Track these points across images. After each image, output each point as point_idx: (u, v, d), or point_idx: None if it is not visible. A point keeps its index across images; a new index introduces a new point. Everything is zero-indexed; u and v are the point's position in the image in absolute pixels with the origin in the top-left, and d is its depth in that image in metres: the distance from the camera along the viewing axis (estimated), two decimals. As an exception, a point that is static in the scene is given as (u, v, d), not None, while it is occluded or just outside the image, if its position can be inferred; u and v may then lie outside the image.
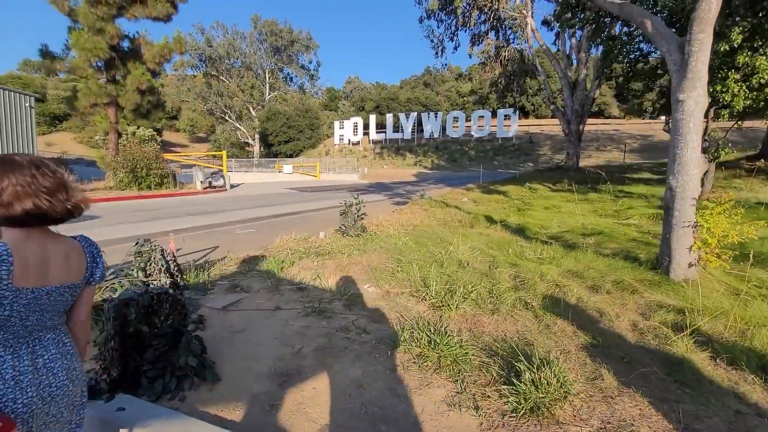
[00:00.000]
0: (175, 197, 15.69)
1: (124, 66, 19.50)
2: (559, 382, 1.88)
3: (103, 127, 19.81)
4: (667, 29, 3.75)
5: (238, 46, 53.34)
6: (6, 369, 0.99)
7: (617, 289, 3.51)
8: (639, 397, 1.96)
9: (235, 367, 2.18)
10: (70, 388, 1.09)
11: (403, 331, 2.58)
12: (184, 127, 68.14)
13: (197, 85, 52.97)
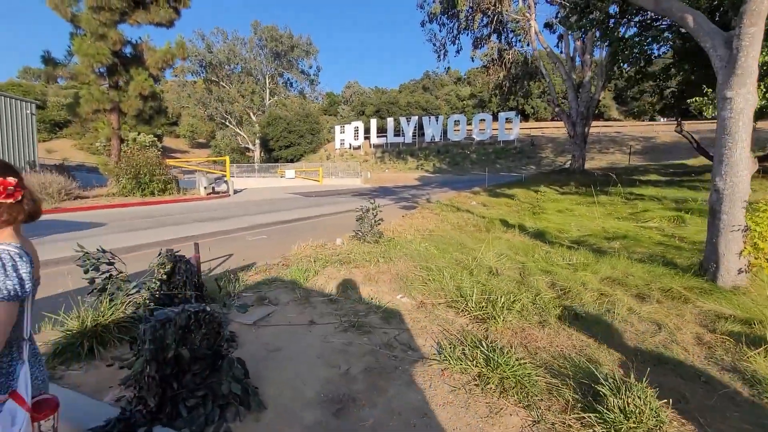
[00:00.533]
0: (180, 203, 15.49)
1: (127, 72, 19.37)
2: (651, 409, 1.68)
3: (106, 133, 19.64)
4: (712, 24, 3.59)
5: (238, 51, 53.46)
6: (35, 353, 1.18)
7: (667, 298, 3.31)
8: (737, 423, 1.76)
9: (279, 392, 1.97)
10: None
11: (453, 348, 2.38)
12: (184, 133, 68.19)
13: (197, 90, 52.98)
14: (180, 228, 8.57)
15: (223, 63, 53.06)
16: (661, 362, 2.35)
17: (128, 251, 6.30)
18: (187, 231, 7.99)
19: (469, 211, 10.75)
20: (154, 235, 7.82)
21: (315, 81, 60.48)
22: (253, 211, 12.70)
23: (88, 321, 2.46)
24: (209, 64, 52.08)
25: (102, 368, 2.24)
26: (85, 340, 2.38)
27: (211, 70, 52.55)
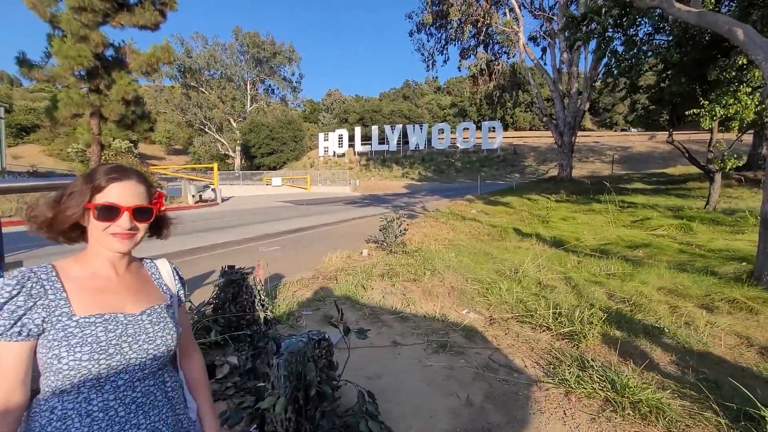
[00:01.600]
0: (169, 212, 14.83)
1: (109, 75, 18.58)
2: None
3: (86, 138, 18.71)
4: (763, 38, 3.68)
5: (219, 57, 52.54)
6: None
7: (736, 310, 3.30)
8: None
9: (409, 427, 1.77)
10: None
11: (562, 368, 2.24)
12: (161, 139, 66.01)
13: (175, 96, 51.54)
14: (182, 239, 8.11)
15: (202, 68, 51.97)
16: (770, 378, 2.29)
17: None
18: (192, 242, 7.57)
19: (476, 220, 10.74)
20: (158, 247, 7.37)
21: (297, 88, 60.10)
22: (250, 220, 12.27)
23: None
24: (188, 69, 50.88)
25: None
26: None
27: (191, 75, 51.33)
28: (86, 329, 0.79)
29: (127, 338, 0.82)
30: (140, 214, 0.87)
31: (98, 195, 0.84)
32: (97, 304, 0.83)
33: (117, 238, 0.85)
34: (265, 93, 58.27)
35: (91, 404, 0.78)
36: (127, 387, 0.82)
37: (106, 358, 0.78)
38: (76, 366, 0.76)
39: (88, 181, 0.84)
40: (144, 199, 0.89)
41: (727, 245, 6.45)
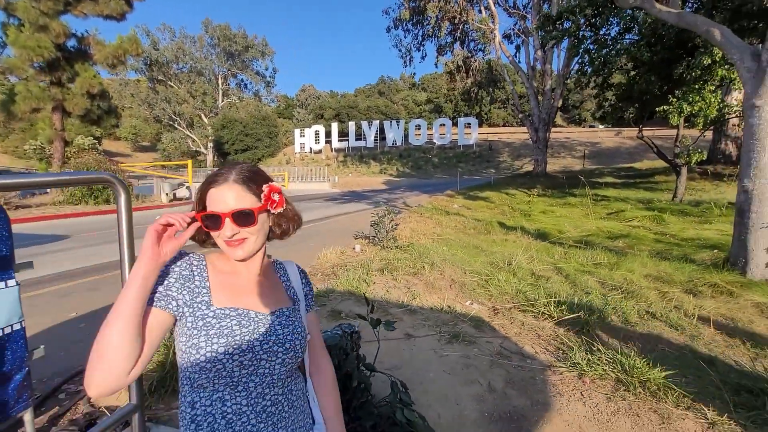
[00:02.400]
0: (142, 211, 14.22)
1: (71, 67, 17.59)
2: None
3: (47, 134, 17.67)
4: (739, 39, 3.93)
5: (188, 50, 50.56)
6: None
7: (716, 293, 3.53)
8: None
9: (438, 414, 1.81)
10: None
11: (572, 352, 2.34)
12: (126, 135, 62.91)
13: (141, 90, 49.22)
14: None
15: (170, 61, 49.86)
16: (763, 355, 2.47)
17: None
18: (176, 241, 7.31)
19: (460, 215, 10.91)
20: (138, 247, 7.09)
21: (271, 83, 58.77)
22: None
23: (172, 351, 2.12)
24: (155, 61, 48.68)
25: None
26: (177, 372, 2.04)
27: (158, 69, 49.12)
28: (222, 321, 0.79)
29: (258, 336, 0.81)
30: (242, 218, 0.82)
31: (206, 201, 0.84)
32: (232, 299, 0.83)
33: (229, 246, 0.84)
34: (237, 88, 56.67)
35: (225, 405, 0.78)
36: (257, 394, 0.81)
37: (239, 354, 0.78)
38: (212, 358, 0.76)
39: (202, 186, 0.85)
40: (245, 200, 0.83)
41: (697, 234, 6.86)
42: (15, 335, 1.63)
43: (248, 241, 0.84)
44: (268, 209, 0.88)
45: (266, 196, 0.86)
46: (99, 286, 4.57)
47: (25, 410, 1.70)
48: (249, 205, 0.83)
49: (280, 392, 0.84)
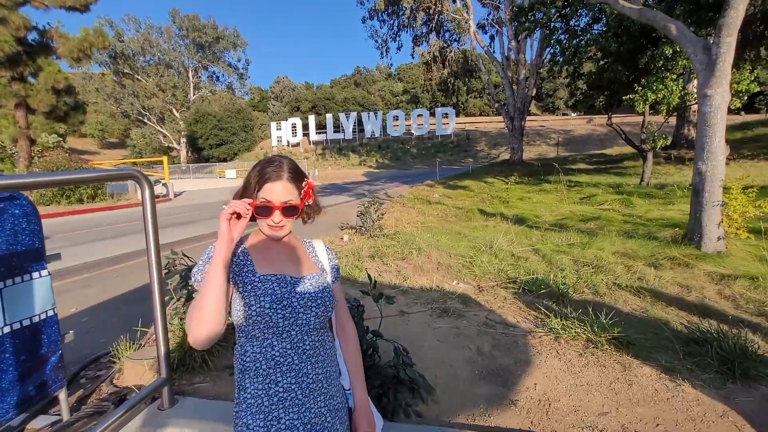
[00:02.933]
0: (119, 210, 13.88)
1: (34, 62, 16.81)
2: (742, 349, 2.09)
3: (11, 132, 16.90)
4: (692, 34, 4.29)
5: (155, 41, 48.57)
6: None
7: (676, 265, 3.93)
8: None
9: (434, 375, 2.06)
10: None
11: (549, 320, 2.64)
12: (93, 132, 59.90)
13: (107, 84, 46.98)
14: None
15: (137, 54, 47.83)
16: (707, 314, 2.85)
17: (113, 263, 5.63)
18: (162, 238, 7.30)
19: (441, 203, 11.23)
20: (126, 244, 7.05)
21: (244, 75, 57.32)
22: (213, 214, 11.88)
23: (191, 333, 2.29)
24: (121, 54, 46.53)
25: (225, 377, 2.13)
26: (195, 352, 2.22)
27: (123, 61, 47.02)
28: (266, 284, 0.99)
29: (296, 294, 1.01)
30: (288, 211, 1.03)
31: (259, 192, 1.02)
32: (271, 267, 1.04)
33: (272, 230, 1.04)
34: (209, 80, 55.03)
35: (273, 349, 0.99)
36: (298, 339, 1.01)
37: (281, 308, 0.98)
38: (261, 312, 0.96)
39: (255, 177, 1.03)
40: (292, 194, 1.03)
41: (661, 215, 7.40)
42: (49, 321, 1.77)
43: (287, 227, 1.06)
44: (307, 203, 1.09)
45: (305, 192, 1.07)
46: (92, 284, 4.61)
47: (60, 389, 1.85)
48: (294, 199, 1.03)
49: (316, 339, 1.05)
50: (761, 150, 15.57)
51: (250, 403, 0.99)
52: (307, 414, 1.01)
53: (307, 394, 1.02)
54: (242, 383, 1.01)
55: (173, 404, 1.85)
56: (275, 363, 0.99)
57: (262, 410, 0.98)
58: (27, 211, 1.68)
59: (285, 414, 0.99)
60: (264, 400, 0.98)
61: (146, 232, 1.74)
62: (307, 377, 1.02)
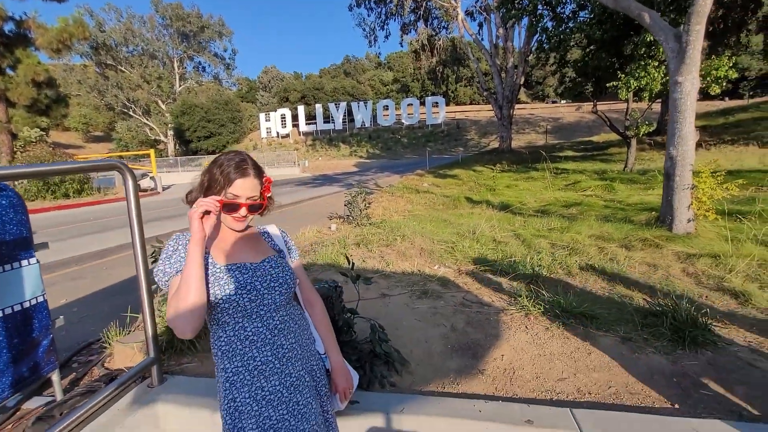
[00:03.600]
0: (107, 204, 13.77)
1: (11, 53, 16.39)
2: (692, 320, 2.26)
3: (-9, 127, 16.52)
4: (664, 22, 4.41)
5: (137, 31, 47.33)
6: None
7: (647, 246, 4.11)
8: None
9: (410, 350, 2.19)
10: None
11: (521, 299, 2.79)
12: (76, 125, 58.42)
13: (89, 76, 45.71)
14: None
15: (119, 44, 46.56)
16: (670, 290, 3.02)
17: (101, 256, 5.67)
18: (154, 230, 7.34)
19: (429, 192, 11.35)
20: (113, 238, 7.06)
21: (231, 65, 56.35)
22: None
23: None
24: (102, 45, 45.23)
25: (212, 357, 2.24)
26: (183, 336, 2.33)
27: (106, 52, 45.77)
28: (228, 273, 1.08)
29: (257, 278, 1.10)
30: (254, 207, 1.12)
31: (228, 188, 1.09)
32: (230, 258, 1.12)
33: (235, 222, 1.12)
34: (195, 71, 54.00)
35: (246, 330, 1.09)
36: (268, 317, 1.12)
37: (247, 293, 1.08)
38: (228, 299, 1.06)
39: (221, 174, 1.10)
40: (256, 190, 1.12)
41: (641, 200, 7.61)
42: (39, 306, 1.86)
43: (248, 219, 1.15)
44: (268, 196, 1.20)
45: (266, 187, 1.18)
46: (81, 276, 4.66)
47: (53, 371, 1.95)
48: (257, 195, 1.13)
49: (284, 314, 1.16)
50: (741, 135, 15.93)
51: (233, 380, 1.09)
52: (288, 379, 1.12)
53: (284, 363, 1.13)
54: (222, 365, 1.11)
55: (162, 382, 1.97)
56: (249, 341, 1.09)
57: (245, 384, 1.08)
58: (14, 201, 1.75)
59: (267, 383, 1.09)
60: (245, 375, 1.08)
61: (130, 220, 1.82)
62: (282, 348, 1.13)
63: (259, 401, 1.08)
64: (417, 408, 1.66)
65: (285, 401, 1.10)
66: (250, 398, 1.08)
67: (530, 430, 1.52)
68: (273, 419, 1.08)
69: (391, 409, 1.66)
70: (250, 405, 1.08)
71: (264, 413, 1.08)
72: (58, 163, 2.03)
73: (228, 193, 1.09)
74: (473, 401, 1.68)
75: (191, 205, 1.12)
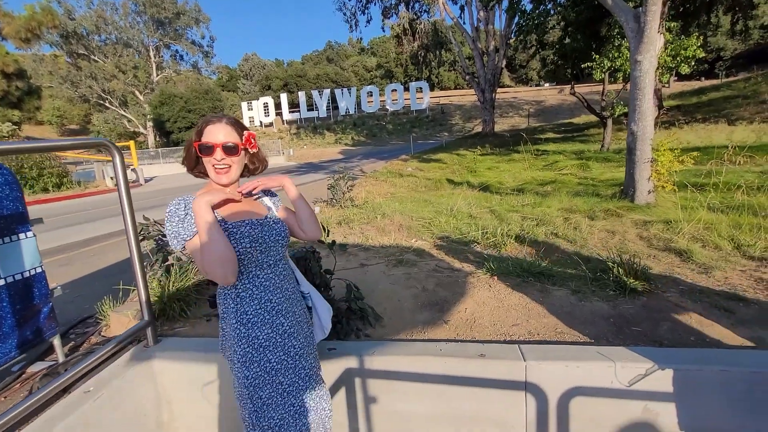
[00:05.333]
0: (89, 198, 13.60)
1: (-22, 43, 15.77)
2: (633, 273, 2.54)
3: (-38, 121, 16.00)
4: (624, 3, 4.63)
5: (110, 18, 45.45)
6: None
7: (609, 216, 4.42)
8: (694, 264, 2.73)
9: (384, 308, 2.42)
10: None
11: (489, 263, 3.04)
12: (50, 119, 56.27)
13: (60, 66, 43.79)
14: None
15: (91, 32, 44.66)
16: (624, 252, 3.31)
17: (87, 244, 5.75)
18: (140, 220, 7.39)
19: (412, 176, 11.56)
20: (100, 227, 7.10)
21: (210, 53, 54.86)
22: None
23: (170, 287, 2.57)
24: (73, 33, 43.29)
25: (202, 323, 2.44)
26: (174, 303, 2.51)
27: (77, 41, 43.88)
28: (240, 229, 1.24)
29: (265, 232, 1.28)
30: (229, 149, 1.23)
31: (202, 137, 1.24)
32: (237, 216, 1.28)
33: (217, 174, 1.26)
34: (172, 60, 52.45)
35: (259, 278, 1.28)
36: (275, 265, 1.31)
37: (259, 245, 1.25)
38: (245, 251, 1.23)
39: (196, 129, 1.27)
40: (232, 136, 1.24)
41: (612, 176, 7.96)
42: (38, 276, 2.03)
43: (232, 170, 1.27)
44: (246, 148, 1.32)
45: (246, 138, 1.31)
46: (69, 263, 4.76)
47: (54, 336, 2.13)
48: (234, 141, 1.26)
49: (284, 263, 1.38)
50: (712, 114, 16.49)
51: (254, 321, 1.26)
52: (293, 317, 1.35)
53: (291, 304, 1.36)
54: (241, 309, 1.26)
55: (157, 343, 2.16)
56: (263, 287, 1.28)
57: (266, 323, 1.28)
58: (9, 179, 1.89)
59: (285, 320, 1.32)
60: (264, 315, 1.28)
61: (119, 192, 1.97)
62: (287, 291, 1.35)
63: (281, 335, 1.30)
64: (386, 351, 1.89)
65: (296, 334, 1.35)
66: (273, 333, 1.28)
67: (483, 362, 1.77)
68: (296, 347, 1.34)
69: (363, 353, 1.88)
70: (274, 338, 1.29)
71: (288, 344, 1.32)
72: (49, 140, 2.17)
73: (202, 143, 1.23)
74: (436, 343, 1.92)
75: (187, 168, 1.31)
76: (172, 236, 1.21)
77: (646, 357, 1.69)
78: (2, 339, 1.83)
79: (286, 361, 1.31)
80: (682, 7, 12.18)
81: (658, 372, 1.63)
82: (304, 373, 1.36)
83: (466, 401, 1.79)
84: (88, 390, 1.76)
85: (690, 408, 1.64)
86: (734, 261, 2.93)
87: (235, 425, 1.99)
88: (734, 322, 2.04)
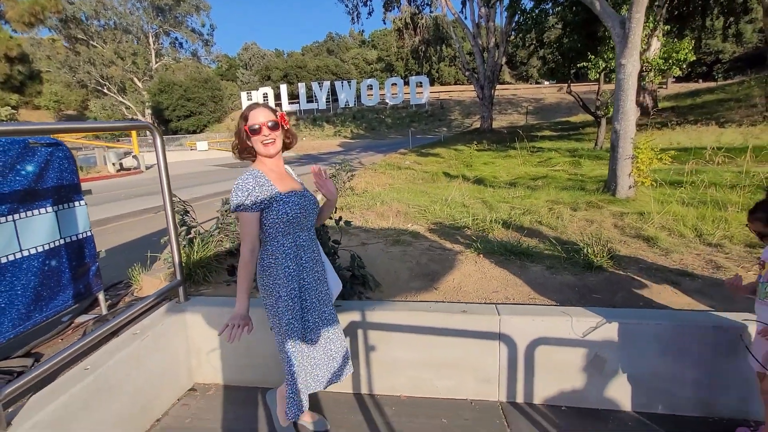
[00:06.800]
0: (92, 182, 13.84)
1: (-18, 26, 15.85)
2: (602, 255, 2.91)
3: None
4: (611, 9, 4.95)
5: (109, 4, 45.04)
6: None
7: (590, 207, 4.79)
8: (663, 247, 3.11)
9: (383, 278, 2.78)
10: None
11: (476, 243, 3.40)
12: (47, 104, 55.66)
13: (59, 51, 43.42)
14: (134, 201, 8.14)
15: (90, 17, 44.29)
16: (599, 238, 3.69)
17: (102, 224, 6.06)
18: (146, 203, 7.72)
19: (411, 168, 11.90)
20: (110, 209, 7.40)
21: (210, 42, 54.60)
22: (190, 183, 12.16)
23: (193, 256, 2.91)
24: (72, 18, 42.90)
25: (223, 287, 2.79)
26: (198, 269, 2.85)
27: (76, 26, 43.50)
28: (290, 198, 1.59)
29: (306, 201, 1.64)
30: (273, 125, 1.58)
31: (247, 122, 1.59)
32: (287, 186, 1.62)
33: (266, 147, 1.59)
34: (171, 47, 52.19)
35: (298, 239, 1.64)
36: (310, 229, 1.68)
37: (304, 211, 1.62)
38: (293, 214, 1.58)
39: (241, 117, 1.61)
40: (272, 116, 1.59)
41: (601, 173, 8.31)
42: (88, 239, 2.37)
43: (276, 142, 1.62)
44: (282, 125, 1.68)
45: (280, 116, 1.67)
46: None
47: (99, 291, 2.47)
48: (274, 119, 1.61)
49: (313, 232, 1.75)
50: (704, 116, 16.89)
51: (288, 272, 1.60)
52: (317, 275, 1.72)
53: (315, 263, 1.72)
54: (282, 263, 1.59)
55: (187, 299, 2.51)
56: (300, 247, 1.65)
57: (292, 277, 1.62)
58: (67, 154, 2.22)
59: (308, 276, 1.68)
60: (293, 269, 1.63)
61: (159, 169, 2.30)
62: (314, 253, 1.72)
63: (315, 281, 1.71)
64: (384, 307, 2.25)
65: (317, 290, 1.72)
66: (298, 284, 1.65)
67: (464, 316, 2.13)
68: (322, 293, 1.76)
69: (365, 310, 2.24)
70: (309, 284, 1.69)
71: (317, 288, 1.73)
72: (95, 122, 2.51)
73: (250, 126, 1.57)
74: (426, 303, 2.28)
75: (238, 154, 1.64)
76: (235, 199, 1.54)
77: (597, 314, 2.06)
78: (62, 289, 2.17)
79: (311, 302, 1.70)
80: (677, 10, 12.53)
81: (606, 325, 2.01)
82: (326, 314, 1.75)
83: (450, 349, 2.16)
84: (136, 332, 2.11)
85: (631, 355, 2.02)
86: (693, 246, 3.31)
87: (251, 369, 2.35)
88: (678, 291, 2.42)
